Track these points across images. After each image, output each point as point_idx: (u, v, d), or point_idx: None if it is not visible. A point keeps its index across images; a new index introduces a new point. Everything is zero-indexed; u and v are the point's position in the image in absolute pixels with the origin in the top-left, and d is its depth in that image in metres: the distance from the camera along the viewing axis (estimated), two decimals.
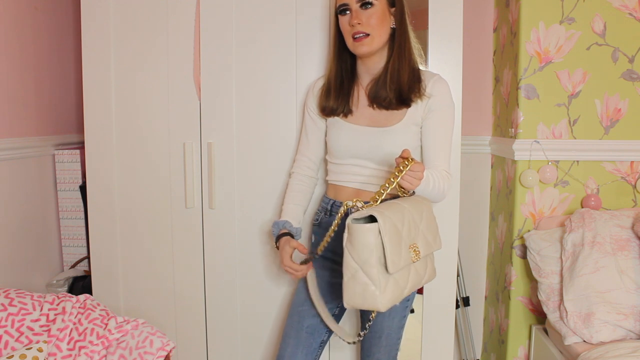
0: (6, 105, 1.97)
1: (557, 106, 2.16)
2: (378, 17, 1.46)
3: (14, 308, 1.56)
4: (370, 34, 1.46)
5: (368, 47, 1.48)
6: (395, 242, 1.23)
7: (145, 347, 1.52)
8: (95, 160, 1.94)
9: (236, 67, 1.86)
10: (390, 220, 1.24)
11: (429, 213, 1.42)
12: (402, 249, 1.26)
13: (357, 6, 1.46)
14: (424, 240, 1.37)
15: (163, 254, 1.96)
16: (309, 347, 1.57)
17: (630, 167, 2.17)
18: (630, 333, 1.82)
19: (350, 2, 1.47)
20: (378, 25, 1.46)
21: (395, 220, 1.26)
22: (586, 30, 2.12)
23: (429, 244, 1.39)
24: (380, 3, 1.46)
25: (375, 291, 1.22)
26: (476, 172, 2.50)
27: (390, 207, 1.29)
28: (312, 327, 1.57)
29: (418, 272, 1.35)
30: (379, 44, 1.49)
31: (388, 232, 1.22)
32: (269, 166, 1.89)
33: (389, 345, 1.58)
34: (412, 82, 1.50)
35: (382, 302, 1.23)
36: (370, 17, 1.45)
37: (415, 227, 1.33)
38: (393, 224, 1.24)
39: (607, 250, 1.91)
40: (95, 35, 1.89)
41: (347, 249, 1.25)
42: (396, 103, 1.50)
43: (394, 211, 1.28)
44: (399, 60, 1.49)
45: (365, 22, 1.45)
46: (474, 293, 2.54)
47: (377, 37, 1.47)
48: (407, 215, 1.31)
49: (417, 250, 1.31)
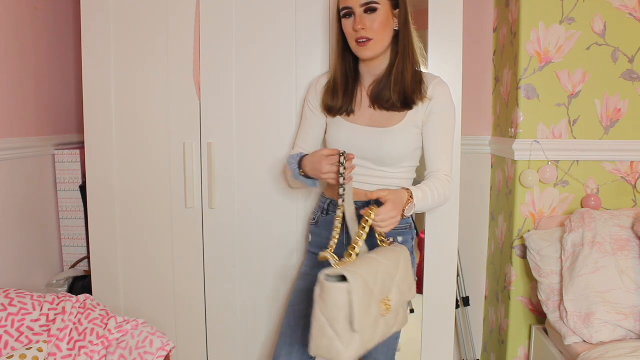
0: (6, 105, 1.97)
1: (557, 106, 2.16)
2: (382, 21, 1.46)
3: (14, 308, 1.56)
4: (373, 38, 1.46)
5: (372, 51, 1.48)
6: (365, 301, 1.25)
7: (145, 347, 1.52)
8: (95, 160, 1.94)
9: (236, 67, 1.86)
10: (362, 278, 1.25)
11: (406, 263, 1.42)
12: (372, 306, 1.28)
13: (361, 11, 1.45)
14: (397, 291, 1.37)
15: (163, 254, 1.96)
16: (306, 346, 1.57)
17: (630, 167, 2.17)
18: (630, 333, 1.82)
19: (354, 6, 1.46)
20: (382, 30, 1.47)
21: (368, 277, 1.28)
22: (586, 30, 2.12)
23: (403, 294, 1.40)
24: (384, 6, 1.46)
25: (340, 347, 1.24)
26: (476, 172, 2.50)
27: (365, 262, 1.31)
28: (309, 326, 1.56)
29: (387, 324, 1.36)
30: (381, 48, 1.50)
31: (358, 292, 1.23)
32: (269, 166, 1.89)
33: (386, 345, 1.58)
34: (415, 84, 1.50)
35: (345, 357, 1.25)
36: (374, 22, 1.45)
37: (390, 279, 1.35)
38: (365, 282, 1.26)
39: (607, 250, 1.91)
40: (95, 35, 1.89)
41: (317, 303, 1.28)
42: (400, 106, 1.50)
43: (368, 267, 1.30)
44: (403, 62, 1.50)
45: (369, 26, 1.45)
46: (474, 293, 2.54)
47: (380, 41, 1.48)
48: (382, 269, 1.33)
49: (388, 304, 1.32)
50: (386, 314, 1.32)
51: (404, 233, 1.56)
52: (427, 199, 1.45)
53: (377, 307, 1.30)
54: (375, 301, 1.29)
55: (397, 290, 1.37)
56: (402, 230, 1.56)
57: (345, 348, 1.24)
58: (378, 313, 1.30)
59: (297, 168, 1.54)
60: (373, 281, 1.29)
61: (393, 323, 1.39)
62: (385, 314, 1.32)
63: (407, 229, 1.57)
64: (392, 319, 1.38)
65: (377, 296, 1.30)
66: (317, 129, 1.65)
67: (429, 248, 1.84)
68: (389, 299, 1.33)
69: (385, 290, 1.33)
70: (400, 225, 1.55)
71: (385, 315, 1.32)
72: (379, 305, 1.30)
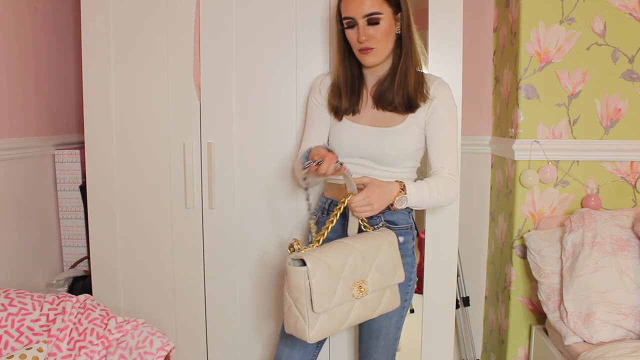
0: (6, 105, 1.97)
1: (557, 106, 2.16)
2: (384, 30, 1.46)
3: (14, 308, 1.56)
4: (376, 47, 1.47)
5: (375, 58, 1.49)
6: (327, 284, 1.33)
7: (145, 347, 1.52)
8: (95, 160, 1.94)
9: (236, 67, 1.86)
10: (323, 262, 1.33)
11: (389, 246, 1.45)
12: (338, 288, 1.35)
13: (364, 22, 1.45)
14: (378, 274, 1.42)
15: (163, 254, 1.96)
16: (306, 348, 1.57)
17: (630, 167, 2.17)
18: (630, 333, 1.82)
19: (356, 17, 1.45)
20: (384, 39, 1.47)
21: (333, 261, 1.34)
22: (586, 30, 2.12)
23: (385, 277, 1.43)
24: (387, 15, 1.46)
25: (304, 325, 1.33)
26: (476, 172, 2.50)
27: (333, 247, 1.38)
28: None
29: (367, 305, 1.41)
30: (385, 55, 1.50)
31: (318, 275, 1.31)
32: (269, 166, 1.89)
33: (386, 345, 1.58)
34: (417, 85, 1.51)
35: (310, 336, 1.33)
36: (377, 32, 1.45)
37: (367, 263, 1.40)
38: (327, 266, 1.33)
39: (607, 250, 1.91)
40: (95, 35, 1.89)
41: (285, 284, 1.37)
42: (404, 109, 1.51)
43: (335, 252, 1.37)
44: (406, 65, 1.50)
45: (372, 36, 1.45)
46: (474, 293, 2.54)
47: (383, 49, 1.48)
48: (354, 253, 1.38)
49: (363, 286, 1.39)
50: (360, 296, 1.38)
51: (405, 233, 1.56)
52: (423, 193, 1.44)
53: (349, 290, 1.36)
54: (345, 284, 1.36)
55: (377, 273, 1.41)
56: (404, 230, 1.56)
57: (309, 327, 1.32)
58: (350, 295, 1.37)
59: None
60: (340, 265, 1.36)
61: (376, 305, 1.43)
62: (360, 296, 1.38)
63: (408, 229, 1.57)
64: (374, 301, 1.42)
65: (347, 279, 1.36)
66: (322, 128, 1.63)
67: (429, 248, 1.84)
68: (364, 282, 1.39)
69: (360, 274, 1.39)
70: (401, 225, 1.55)
71: (360, 297, 1.38)
72: (352, 288, 1.37)
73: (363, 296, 1.39)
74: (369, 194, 1.37)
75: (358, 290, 1.38)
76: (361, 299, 1.39)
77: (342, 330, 1.40)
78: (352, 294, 1.37)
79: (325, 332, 1.35)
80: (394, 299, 1.48)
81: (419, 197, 1.44)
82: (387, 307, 1.47)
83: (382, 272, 1.43)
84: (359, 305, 1.40)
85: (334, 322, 1.36)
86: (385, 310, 1.47)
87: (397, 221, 1.55)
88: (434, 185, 1.47)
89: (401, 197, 1.41)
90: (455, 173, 1.52)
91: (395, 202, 1.40)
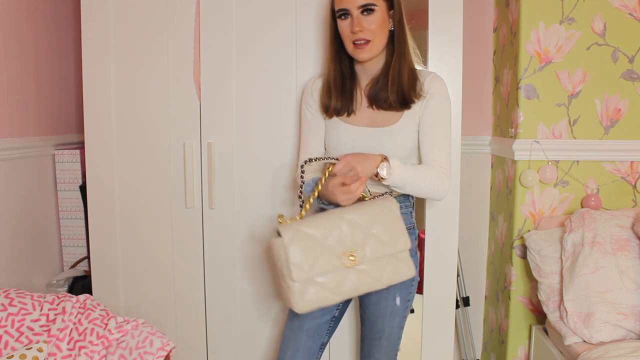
0: (6, 105, 1.97)
1: (557, 106, 2.16)
2: (378, 22, 1.45)
3: (14, 308, 1.56)
4: (371, 40, 1.46)
5: (369, 53, 1.48)
6: (306, 253, 1.34)
7: (145, 347, 1.52)
8: (95, 160, 1.94)
9: (236, 67, 1.86)
10: (303, 233, 1.36)
11: (389, 214, 1.43)
12: (322, 258, 1.35)
13: (358, 12, 1.45)
14: (375, 242, 1.40)
15: (163, 254, 1.96)
16: (309, 349, 1.56)
17: (630, 167, 2.17)
18: (630, 333, 1.82)
19: (350, 8, 1.45)
20: (379, 31, 1.46)
21: (315, 232, 1.36)
22: (586, 30, 2.12)
23: (384, 244, 1.41)
24: (381, 7, 1.45)
25: (290, 296, 1.36)
26: (476, 172, 2.50)
27: (317, 218, 1.40)
28: (313, 329, 1.55)
29: (368, 275, 1.40)
30: (379, 49, 1.49)
31: (294, 244, 1.34)
32: (269, 166, 1.89)
33: (389, 345, 1.58)
34: (411, 82, 1.50)
35: (296, 306, 1.36)
36: (371, 23, 1.45)
37: (360, 232, 1.39)
38: (307, 236, 1.35)
39: (607, 250, 1.91)
40: (95, 35, 1.89)
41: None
42: (399, 106, 1.50)
43: (319, 222, 1.38)
44: (399, 62, 1.49)
45: (366, 28, 1.45)
46: (474, 293, 2.54)
47: (378, 42, 1.47)
48: (343, 224, 1.38)
49: (354, 255, 1.38)
50: (352, 265, 1.37)
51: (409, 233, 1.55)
52: (408, 170, 1.44)
53: (337, 259, 1.37)
54: (332, 253, 1.36)
55: (374, 242, 1.40)
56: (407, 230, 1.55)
57: (295, 297, 1.35)
58: (340, 265, 1.37)
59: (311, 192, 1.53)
60: (324, 235, 1.37)
61: (379, 274, 1.41)
62: (351, 265, 1.37)
63: (411, 228, 1.57)
64: (375, 270, 1.40)
65: (335, 249, 1.37)
66: (319, 134, 1.62)
67: (429, 248, 1.84)
68: (355, 250, 1.38)
69: (350, 243, 1.38)
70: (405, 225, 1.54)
71: (352, 266, 1.38)
72: (341, 257, 1.37)
73: (356, 265, 1.38)
74: (349, 158, 1.39)
75: (349, 259, 1.38)
76: (357, 268, 1.38)
77: (340, 301, 1.41)
78: (342, 263, 1.37)
79: (317, 302, 1.36)
80: (404, 269, 1.44)
81: (402, 172, 1.43)
82: (395, 277, 1.43)
83: (381, 240, 1.41)
84: (354, 275, 1.39)
85: (325, 292, 1.36)
86: (394, 280, 1.43)
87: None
88: (422, 170, 1.47)
89: (384, 165, 1.42)
90: (447, 167, 1.50)
91: (378, 169, 1.41)
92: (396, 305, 1.54)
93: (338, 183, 1.42)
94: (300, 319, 1.55)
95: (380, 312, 1.54)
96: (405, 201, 1.56)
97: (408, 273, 1.45)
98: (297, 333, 1.56)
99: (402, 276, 1.45)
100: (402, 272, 1.44)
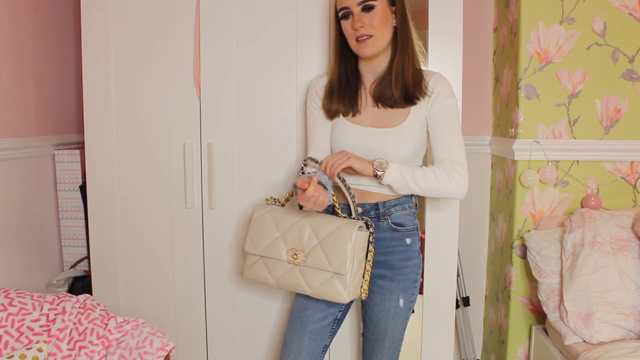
0: (6, 105, 1.97)
1: (557, 106, 2.16)
2: (380, 18, 1.45)
3: (14, 308, 1.56)
4: (373, 35, 1.46)
5: (372, 47, 1.48)
6: (262, 231, 1.54)
7: (145, 347, 1.52)
8: (95, 160, 1.94)
9: (236, 67, 1.86)
10: (269, 215, 1.54)
11: (343, 236, 1.43)
12: (275, 242, 1.51)
13: (359, 9, 1.45)
14: (320, 252, 1.45)
15: (163, 254, 1.96)
16: (312, 353, 1.54)
17: (630, 167, 2.17)
18: (630, 333, 1.82)
19: (351, 6, 1.46)
20: (381, 26, 1.46)
21: (277, 218, 1.53)
22: (586, 30, 2.12)
23: (326, 259, 1.44)
24: (382, 3, 1.46)
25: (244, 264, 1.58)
26: (476, 172, 2.50)
27: (288, 211, 1.54)
28: (315, 332, 1.54)
29: (305, 278, 1.48)
30: (382, 45, 1.49)
31: (256, 221, 1.56)
32: (269, 166, 1.89)
33: (392, 347, 1.57)
34: (415, 79, 1.50)
35: (244, 271, 1.58)
36: (372, 19, 1.45)
37: (312, 238, 1.47)
38: (271, 218, 1.54)
39: (607, 250, 1.91)
40: (95, 35, 1.89)
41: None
42: (403, 102, 1.49)
43: (288, 215, 1.53)
44: (403, 58, 1.49)
45: (367, 24, 1.45)
46: (474, 293, 2.54)
47: (380, 37, 1.47)
48: (304, 224, 1.49)
49: (297, 254, 1.49)
50: (293, 262, 1.49)
51: (412, 235, 1.55)
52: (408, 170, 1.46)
53: (284, 251, 1.51)
54: (283, 243, 1.51)
55: (319, 251, 1.45)
56: (411, 232, 1.55)
57: (245, 265, 1.58)
58: (284, 258, 1.50)
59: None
60: (282, 225, 1.52)
61: (314, 284, 1.46)
62: (292, 262, 1.49)
63: (414, 230, 1.56)
64: (312, 278, 1.46)
65: (287, 242, 1.50)
66: (325, 131, 1.60)
67: (429, 248, 1.84)
68: (301, 251, 1.48)
69: (299, 244, 1.49)
70: (408, 227, 1.54)
71: (292, 263, 1.49)
72: (287, 252, 1.50)
73: (296, 264, 1.48)
74: (341, 155, 1.44)
75: (292, 257, 1.49)
76: (300, 268, 1.48)
77: (271, 285, 1.53)
78: (286, 257, 1.49)
79: (256, 276, 1.55)
80: (337, 294, 1.43)
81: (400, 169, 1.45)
82: (326, 294, 1.44)
83: (325, 252, 1.44)
84: (296, 273, 1.48)
85: (264, 272, 1.53)
86: (324, 295, 1.45)
87: (404, 223, 1.54)
88: (430, 168, 1.47)
89: (379, 162, 1.44)
90: (461, 163, 1.48)
91: (375, 163, 1.44)
92: (399, 306, 1.54)
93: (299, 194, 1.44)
94: (303, 322, 1.55)
95: (384, 314, 1.54)
96: (408, 202, 1.56)
97: (340, 298, 1.43)
98: (299, 336, 1.54)
99: (333, 298, 1.44)
100: (336, 295, 1.44)
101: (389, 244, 1.52)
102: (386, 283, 1.53)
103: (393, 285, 1.53)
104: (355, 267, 1.43)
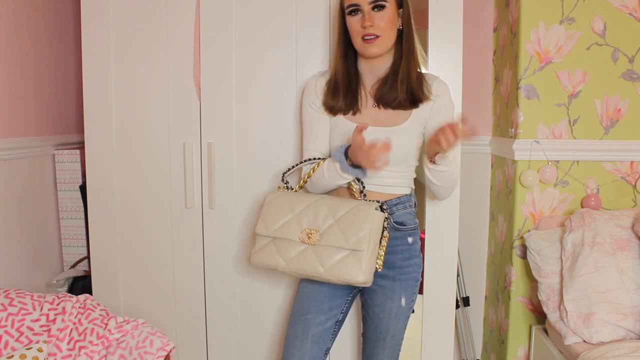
0: (6, 105, 1.97)
1: (557, 106, 2.16)
2: (389, 19, 1.46)
3: (14, 308, 1.56)
4: (381, 35, 1.46)
5: (378, 48, 1.48)
6: (275, 213, 1.52)
7: (145, 347, 1.52)
8: (95, 160, 1.94)
9: (236, 67, 1.86)
10: (284, 198, 1.53)
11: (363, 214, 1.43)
12: (289, 222, 1.49)
13: (369, 8, 1.45)
14: (337, 230, 1.44)
15: (163, 254, 1.96)
16: (315, 356, 1.54)
17: (630, 167, 2.17)
18: (630, 333, 1.82)
19: (361, 3, 1.46)
20: (388, 27, 1.47)
21: (293, 201, 1.52)
22: (586, 30, 2.12)
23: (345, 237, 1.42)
24: (391, 5, 1.47)
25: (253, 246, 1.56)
26: (476, 172, 2.50)
27: (301, 194, 1.55)
28: (318, 335, 1.54)
29: (318, 257, 1.45)
30: (387, 46, 1.50)
31: (270, 204, 1.54)
32: (269, 166, 1.89)
33: (393, 346, 1.58)
34: (419, 82, 1.52)
35: (252, 256, 1.55)
36: (382, 19, 1.46)
37: (330, 218, 1.46)
38: (285, 200, 1.53)
39: (607, 250, 1.91)
40: (95, 35, 1.89)
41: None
42: (408, 104, 1.51)
43: (297, 196, 1.53)
44: (408, 62, 1.51)
45: (377, 24, 1.45)
46: (474, 293, 2.54)
47: (387, 38, 1.48)
48: (312, 206, 1.49)
49: (311, 234, 1.46)
50: (307, 242, 1.46)
51: (414, 234, 1.56)
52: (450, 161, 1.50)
53: (298, 230, 1.48)
54: (297, 223, 1.49)
55: (336, 229, 1.44)
56: (412, 230, 1.56)
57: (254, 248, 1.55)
58: (298, 238, 1.47)
59: (345, 159, 1.47)
60: (297, 207, 1.50)
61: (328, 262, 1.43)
62: (306, 240, 1.46)
63: (415, 229, 1.57)
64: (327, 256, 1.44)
65: (301, 221, 1.48)
66: (324, 132, 1.59)
67: (429, 248, 1.84)
68: (317, 231, 1.46)
69: (315, 224, 1.47)
70: (410, 226, 1.55)
71: (307, 243, 1.46)
72: (301, 232, 1.48)
73: (311, 244, 1.46)
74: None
75: (307, 236, 1.46)
76: (314, 248, 1.45)
77: (280, 269, 1.48)
78: (300, 237, 1.46)
79: (265, 259, 1.51)
80: (352, 270, 1.41)
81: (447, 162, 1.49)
82: (341, 273, 1.41)
83: (342, 230, 1.43)
84: (310, 254, 1.45)
85: (274, 255, 1.49)
86: (338, 275, 1.41)
87: (406, 222, 1.54)
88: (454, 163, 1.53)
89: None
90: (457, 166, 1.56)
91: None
92: (401, 306, 1.54)
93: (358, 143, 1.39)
94: (305, 325, 1.54)
95: (386, 313, 1.54)
96: (409, 201, 1.56)
97: (355, 276, 1.40)
98: (302, 340, 1.53)
99: (348, 277, 1.41)
100: (350, 273, 1.41)
101: (391, 243, 1.52)
102: (388, 283, 1.54)
103: (395, 285, 1.53)
104: (372, 247, 1.41)
